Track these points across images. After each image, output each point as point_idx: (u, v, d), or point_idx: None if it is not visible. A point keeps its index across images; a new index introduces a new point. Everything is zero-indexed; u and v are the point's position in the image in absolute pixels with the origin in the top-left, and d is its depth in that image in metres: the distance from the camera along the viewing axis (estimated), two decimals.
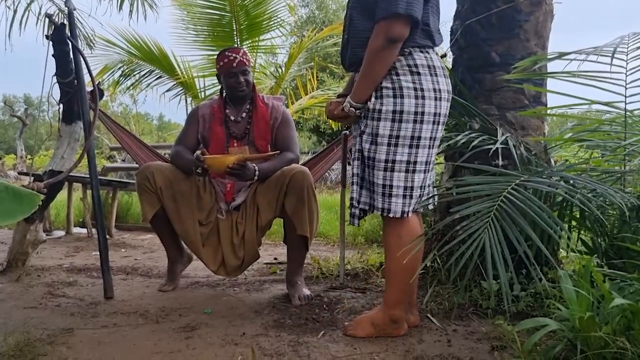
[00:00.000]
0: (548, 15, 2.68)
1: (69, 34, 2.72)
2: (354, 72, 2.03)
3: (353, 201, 1.93)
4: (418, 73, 1.82)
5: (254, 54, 6.26)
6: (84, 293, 2.61)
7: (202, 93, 6.28)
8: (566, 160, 2.57)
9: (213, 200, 2.67)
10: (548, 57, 2.36)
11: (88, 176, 3.44)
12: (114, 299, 2.51)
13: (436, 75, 1.84)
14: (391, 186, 1.84)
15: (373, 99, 1.85)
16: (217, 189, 2.69)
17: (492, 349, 1.79)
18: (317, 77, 8.39)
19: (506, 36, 2.64)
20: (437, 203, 2.65)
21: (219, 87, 6.26)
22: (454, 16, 2.90)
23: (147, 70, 6.53)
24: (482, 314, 2.15)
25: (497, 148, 2.28)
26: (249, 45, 6.12)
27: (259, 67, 6.44)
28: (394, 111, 1.81)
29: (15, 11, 5.01)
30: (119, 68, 6.44)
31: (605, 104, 2.13)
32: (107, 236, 4.42)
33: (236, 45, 6.03)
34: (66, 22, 2.68)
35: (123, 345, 1.87)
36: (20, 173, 5.42)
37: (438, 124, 1.86)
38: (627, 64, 2.01)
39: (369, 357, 1.75)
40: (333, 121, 2.13)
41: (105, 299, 2.50)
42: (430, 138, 1.85)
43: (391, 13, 1.73)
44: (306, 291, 2.48)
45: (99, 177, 4.34)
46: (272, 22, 6.05)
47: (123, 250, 3.98)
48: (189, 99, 6.56)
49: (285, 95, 6.85)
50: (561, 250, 2.49)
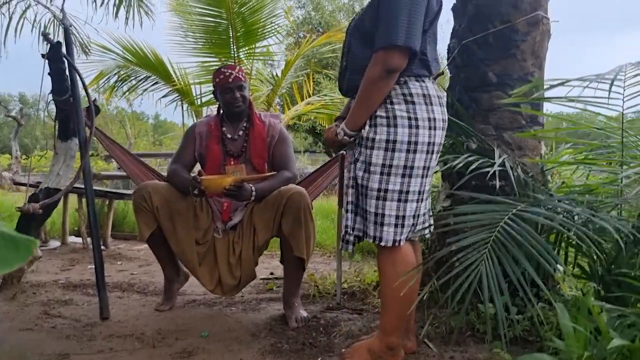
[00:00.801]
0: (545, 35, 2.68)
1: (65, 52, 2.71)
2: (351, 98, 2.03)
3: (347, 228, 1.92)
4: (413, 102, 1.81)
5: (251, 61, 6.25)
6: (80, 313, 2.60)
7: (199, 100, 6.27)
8: (563, 182, 2.57)
9: (210, 219, 2.66)
10: (546, 83, 2.36)
11: (83, 187, 3.43)
12: (110, 320, 2.51)
13: (431, 104, 1.84)
14: (383, 215, 1.84)
15: (367, 127, 1.85)
16: (214, 208, 2.69)
17: None
18: (314, 79, 8.37)
19: (503, 56, 2.63)
20: (435, 224, 2.67)
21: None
22: (451, 34, 2.90)
23: (144, 76, 6.51)
24: (480, 339, 2.15)
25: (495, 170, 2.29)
26: (246, 52, 6.11)
27: (256, 74, 6.43)
28: (388, 140, 1.81)
29: (10, 18, 5.01)
30: (115, 74, 6.41)
31: (600, 129, 2.13)
32: (103, 247, 4.44)
33: (232, 51, 6.02)
34: (62, 40, 2.66)
35: None
36: (16, 183, 5.39)
37: (432, 153, 1.86)
38: (624, 90, 2.01)
39: None
40: (330, 147, 2.13)
41: (101, 320, 2.49)
42: (423, 167, 1.85)
43: (390, 44, 1.73)
44: (303, 313, 2.48)
45: (95, 188, 4.34)
46: (269, 30, 6.03)
47: (119, 262, 3.97)
48: (185, 105, 6.55)
49: (281, 100, 6.84)
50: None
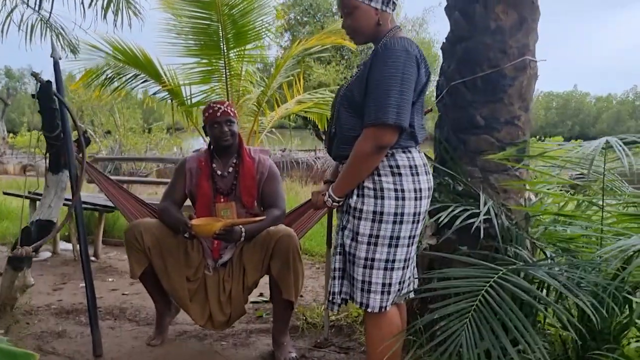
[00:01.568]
0: (532, 78, 2.72)
1: (55, 88, 2.71)
2: (339, 163, 2.07)
3: (335, 295, 1.99)
4: (399, 174, 1.86)
5: (241, 62, 6.22)
6: (73, 349, 2.66)
7: (189, 101, 6.24)
8: (546, 228, 2.64)
9: (200, 256, 2.72)
10: (533, 151, 2.42)
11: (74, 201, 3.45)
12: (103, 357, 2.57)
13: (417, 174, 1.89)
14: (370, 282, 1.90)
15: (355, 197, 1.90)
16: (205, 246, 2.74)
17: None
18: (304, 61, 8.30)
19: (491, 99, 2.67)
20: (420, 258, 2.74)
21: (205, 96, 6.24)
22: (440, 71, 2.93)
23: (133, 74, 6.47)
24: None
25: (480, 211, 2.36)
26: (236, 53, 6.08)
27: (245, 75, 6.41)
28: (375, 212, 1.86)
29: None
30: (104, 72, 6.36)
31: (578, 185, 2.20)
32: (94, 258, 4.48)
33: (223, 53, 5.99)
34: (52, 80, 2.67)
35: None
36: (6, 193, 5.38)
37: (417, 222, 1.92)
38: (605, 156, 2.07)
39: None
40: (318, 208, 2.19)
41: (95, 358, 2.56)
42: (409, 237, 1.91)
43: (381, 122, 1.77)
44: (291, 353, 2.56)
45: (84, 202, 4.36)
46: (259, 31, 5.99)
47: (110, 279, 4.01)
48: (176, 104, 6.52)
49: (271, 100, 6.83)
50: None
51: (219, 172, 2.76)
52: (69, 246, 4.81)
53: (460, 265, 2.30)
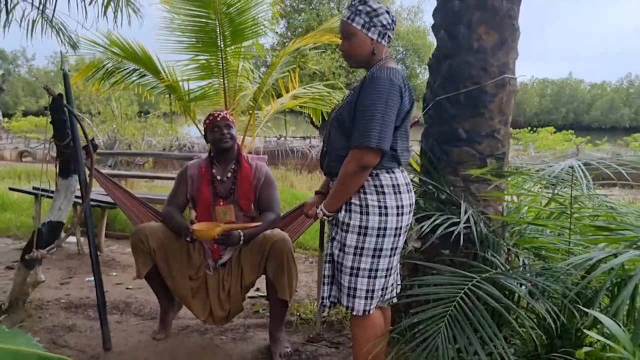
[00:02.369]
0: (511, 94, 2.92)
1: (65, 100, 2.89)
2: (329, 179, 2.28)
3: (324, 300, 2.23)
4: (383, 192, 2.08)
5: (237, 59, 6.37)
6: (84, 342, 2.88)
7: (187, 96, 6.40)
8: (520, 236, 2.86)
9: (202, 257, 2.92)
10: (507, 172, 2.62)
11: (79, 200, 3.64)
12: (112, 350, 2.79)
13: (400, 192, 2.10)
14: (355, 289, 2.13)
15: (343, 212, 2.12)
16: (205, 247, 2.94)
17: None
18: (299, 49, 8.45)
19: (473, 114, 2.87)
20: (405, 263, 2.97)
21: (203, 92, 6.40)
22: (427, 85, 3.13)
23: (132, 68, 6.61)
24: None
25: (460, 219, 2.58)
26: (233, 50, 6.22)
27: (242, 71, 6.56)
28: (360, 226, 2.08)
29: None
30: (103, 67, 6.50)
31: (553, 200, 2.41)
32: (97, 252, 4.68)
33: (220, 49, 6.13)
34: (62, 93, 2.85)
35: None
36: (12, 189, 5.55)
37: (399, 236, 2.14)
38: (573, 174, 2.27)
39: None
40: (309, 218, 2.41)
41: (104, 351, 2.78)
42: (391, 249, 2.13)
43: (365, 145, 1.98)
44: (287, 348, 2.79)
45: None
46: (255, 29, 6.14)
47: (114, 273, 4.23)
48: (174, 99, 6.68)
49: (266, 94, 6.98)
50: None
51: (219, 177, 2.96)
52: (73, 239, 5.00)
53: (441, 266, 2.53)
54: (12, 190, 5.31)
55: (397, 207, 2.09)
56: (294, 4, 19.50)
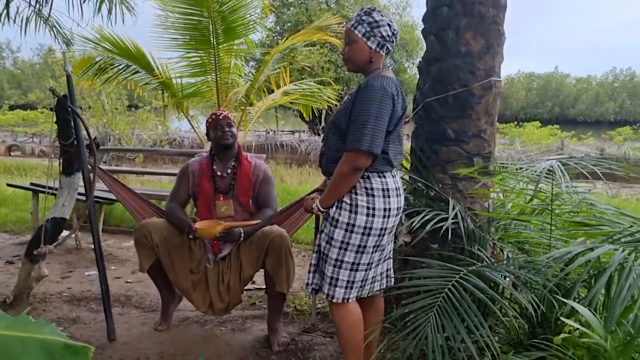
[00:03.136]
0: (497, 96, 3.07)
1: (70, 102, 3.00)
2: (327, 178, 2.42)
3: (308, 286, 2.42)
4: (373, 195, 2.23)
5: (230, 56, 6.47)
6: (89, 334, 3.00)
7: (180, 93, 6.49)
8: (505, 230, 3.02)
9: (202, 251, 3.05)
10: (493, 171, 2.78)
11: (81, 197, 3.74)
12: (117, 341, 2.92)
13: (389, 196, 2.25)
14: (337, 279, 2.29)
15: (334, 208, 2.28)
16: (206, 242, 3.07)
17: None
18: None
19: (460, 115, 3.02)
20: (395, 258, 3.12)
21: (196, 89, 6.50)
22: (417, 87, 3.27)
23: (125, 64, 6.68)
24: None
25: (449, 215, 2.74)
26: (225, 48, 6.32)
27: (234, 68, 6.67)
28: (348, 223, 2.24)
29: None
30: (96, 63, 6.57)
31: (535, 197, 2.57)
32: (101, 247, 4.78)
33: (213, 47, 6.23)
34: (67, 94, 2.95)
35: None
36: (15, 186, 5.61)
37: (383, 236, 2.29)
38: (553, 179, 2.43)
39: None
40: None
41: (109, 342, 2.90)
42: (374, 246, 2.28)
43: (357, 148, 2.12)
44: (284, 337, 2.94)
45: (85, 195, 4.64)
46: (247, 27, 6.24)
47: (112, 267, 4.34)
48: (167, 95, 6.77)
49: (258, 90, 7.09)
50: None
51: (219, 173, 3.08)
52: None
53: (430, 259, 2.68)
54: (10, 186, 5.38)
55: (385, 210, 2.24)
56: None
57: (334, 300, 2.31)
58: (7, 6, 5.14)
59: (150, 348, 2.85)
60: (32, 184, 4.99)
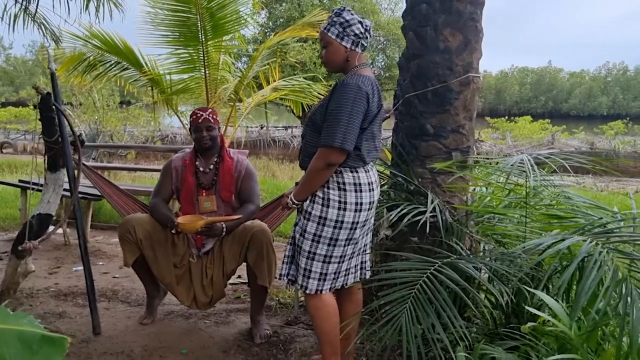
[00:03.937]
0: (475, 92, 3.12)
1: (53, 98, 3.03)
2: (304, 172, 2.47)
3: (282, 277, 2.49)
4: (344, 189, 2.28)
5: (219, 53, 6.50)
6: (75, 328, 3.04)
7: (169, 89, 6.52)
8: (480, 223, 3.08)
9: (185, 246, 3.10)
10: (468, 165, 2.83)
11: (67, 193, 3.78)
12: (102, 335, 2.96)
13: (360, 191, 2.31)
14: (310, 271, 2.35)
15: (308, 202, 2.33)
16: (189, 237, 3.12)
17: None
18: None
19: (439, 110, 3.07)
20: (376, 251, 3.17)
21: (185, 85, 6.51)
22: (397, 83, 3.32)
23: (114, 61, 6.70)
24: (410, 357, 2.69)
25: (427, 208, 2.79)
26: (214, 44, 6.35)
27: (223, 65, 6.69)
28: (320, 217, 2.29)
29: None
30: (85, 60, 6.58)
31: (511, 190, 2.63)
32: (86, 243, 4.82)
33: (201, 44, 6.25)
34: (51, 92, 2.98)
35: None
36: (5, 183, 5.62)
37: (355, 229, 2.34)
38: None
39: None
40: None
41: (94, 336, 2.95)
42: (346, 239, 2.33)
43: (330, 145, 2.17)
44: (266, 330, 2.99)
45: None
46: (236, 23, 6.26)
47: (100, 262, 4.38)
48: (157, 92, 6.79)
49: (247, 87, 7.12)
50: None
51: (202, 169, 3.13)
52: (60, 230, 5.12)
53: (410, 252, 2.74)
54: (0, 183, 5.41)
55: (356, 204, 2.30)
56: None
57: (308, 291, 2.36)
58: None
59: (134, 341, 2.90)
60: (21, 181, 5.01)
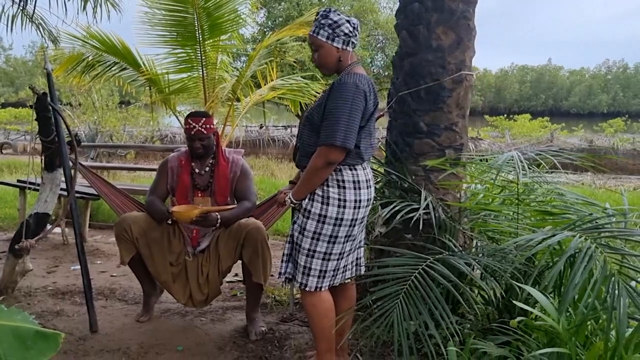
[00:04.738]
0: (468, 89, 3.14)
1: (49, 98, 3.06)
2: (301, 170, 2.50)
3: (280, 275, 2.49)
4: (344, 187, 2.30)
5: (216, 52, 6.53)
6: (72, 326, 3.07)
7: (167, 89, 6.54)
8: (473, 221, 3.10)
9: (181, 244, 3.12)
10: (461, 162, 2.86)
11: (65, 193, 3.81)
12: (99, 333, 2.99)
13: (359, 188, 2.33)
14: (310, 268, 2.36)
15: (307, 200, 2.34)
16: (185, 235, 3.14)
17: None
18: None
19: (432, 108, 3.09)
20: (371, 248, 3.20)
21: (183, 85, 6.54)
22: (391, 81, 3.34)
23: (112, 61, 6.72)
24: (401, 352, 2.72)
25: (420, 205, 2.82)
26: (211, 44, 6.37)
27: (221, 64, 6.72)
28: (320, 214, 2.31)
29: None
30: (83, 60, 6.60)
31: (503, 187, 2.65)
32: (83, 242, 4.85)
33: (199, 44, 6.27)
34: (47, 92, 3.01)
35: None
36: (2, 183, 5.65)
37: (354, 226, 2.36)
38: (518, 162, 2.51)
39: None
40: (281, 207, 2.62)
41: (91, 333, 2.97)
42: (345, 236, 2.35)
43: (330, 143, 2.19)
44: (262, 327, 3.01)
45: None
46: (233, 22, 6.29)
47: (98, 261, 4.41)
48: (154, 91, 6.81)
49: (245, 86, 7.14)
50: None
51: (197, 170, 3.15)
52: (58, 230, 5.15)
53: (404, 249, 2.77)
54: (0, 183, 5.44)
55: (355, 201, 2.32)
56: None
57: (307, 288, 2.38)
58: None
59: (131, 339, 2.92)
60: (19, 181, 5.04)
